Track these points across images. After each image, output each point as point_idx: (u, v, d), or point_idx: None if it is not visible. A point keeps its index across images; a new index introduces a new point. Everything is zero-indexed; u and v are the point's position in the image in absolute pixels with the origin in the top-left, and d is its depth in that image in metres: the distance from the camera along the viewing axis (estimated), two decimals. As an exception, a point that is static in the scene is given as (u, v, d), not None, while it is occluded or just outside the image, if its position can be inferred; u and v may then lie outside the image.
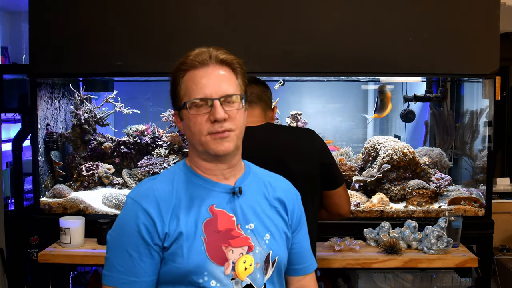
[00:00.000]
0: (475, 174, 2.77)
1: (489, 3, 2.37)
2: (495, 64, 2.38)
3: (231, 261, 1.14)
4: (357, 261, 2.14)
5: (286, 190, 1.31)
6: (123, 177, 2.79)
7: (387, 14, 2.39)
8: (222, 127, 1.13)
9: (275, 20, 2.38)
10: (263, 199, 1.24)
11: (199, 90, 1.14)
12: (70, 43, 2.40)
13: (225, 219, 1.17)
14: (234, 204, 1.19)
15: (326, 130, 3.41)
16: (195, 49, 1.19)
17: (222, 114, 1.13)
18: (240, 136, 1.19)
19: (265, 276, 1.19)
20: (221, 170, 1.20)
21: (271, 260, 1.20)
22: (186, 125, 1.18)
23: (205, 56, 1.16)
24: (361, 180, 2.63)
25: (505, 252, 2.86)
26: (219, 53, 1.17)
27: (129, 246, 1.12)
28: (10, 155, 2.71)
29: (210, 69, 1.16)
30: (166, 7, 2.38)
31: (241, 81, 1.21)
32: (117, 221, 1.17)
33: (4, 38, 3.40)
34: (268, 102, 1.85)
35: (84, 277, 2.91)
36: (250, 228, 1.18)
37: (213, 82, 1.15)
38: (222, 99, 1.14)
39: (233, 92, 1.16)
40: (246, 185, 1.23)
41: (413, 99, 2.92)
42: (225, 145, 1.15)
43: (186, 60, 1.18)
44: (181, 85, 1.18)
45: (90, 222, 2.32)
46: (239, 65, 1.20)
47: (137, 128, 2.91)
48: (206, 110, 1.14)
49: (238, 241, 1.16)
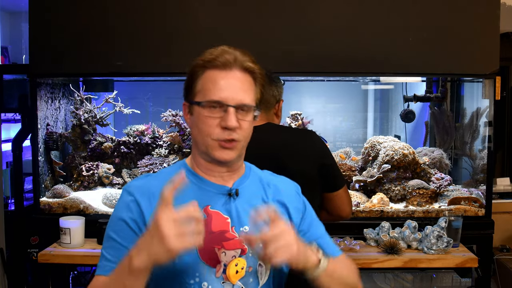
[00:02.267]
0: (475, 174, 2.76)
1: (489, 3, 2.37)
2: (495, 64, 2.38)
3: (223, 263, 1.13)
4: (357, 261, 2.13)
5: (286, 189, 1.29)
6: (123, 177, 2.79)
7: (387, 14, 2.39)
8: (230, 135, 1.11)
9: (275, 20, 2.38)
10: (261, 202, 1.22)
11: (216, 92, 1.11)
12: (70, 43, 2.40)
13: (220, 221, 1.15)
14: (229, 205, 1.17)
15: (326, 130, 3.41)
16: (217, 47, 1.14)
17: (234, 123, 1.10)
18: (244, 145, 1.17)
19: (260, 281, 1.16)
20: (220, 173, 1.19)
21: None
22: (195, 122, 1.15)
23: (230, 58, 1.12)
24: (361, 180, 2.63)
25: (505, 252, 2.86)
26: (245, 59, 1.13)
27: (117, 234, 1.12)
28: (10, 155, 2.71)
29: (231, 73, 1.12)
30: (166, 7, 2.38)
31: (258, 90, 1.18)
32: (112, 213, 1.17)
33: (4, 38, 3.40)
34: (270, 100, 1.83)
35: (84, 277, 2.91)
36: (244, 231, 1.16)
37: (232, 87, 1.11)
38: (237, 107, 1.11)
39: (249, 102, 1.13)
40: (244, 187, 1.21)
41: (413, 99, 2.92)
42: (229, 154, 1.13)
43: (209, 57, 1.13)
44: (198, 80, 1.14)
45: (90, 222, 2.32)
46: (261, 76, 1.17)
47: (137, 128, 2.90)
48: (219, 114, 1.11)
49: (231, 244, 1.14)
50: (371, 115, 3.53)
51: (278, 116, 1.91)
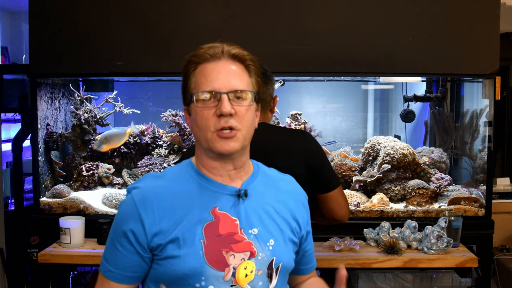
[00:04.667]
0: (475, 174, 2.76)
1: (489, 3, 2.37)
2: (495, 64, 2.38)
3: (232, 266, 1.10)
4: (357, 261, 2.14)
5: (294, 193, 1.28)
6: (123, 177, 2.79)
7: (387, 14, 2.39)
8: (227, 123, 1.10)
9: (275, 20, 2.38)
10: (270, 203, 1.20)
11: (208, 83, 1.12)
12: (70, 43, 2.40)
13: (228, 223, 1.13)
14: (238, 207, 1.15)
15: (326, 130, 3.41)
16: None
17: (228, 109, 1.09)
18: (247, 137, 1.15)
19: (269, 285, 1.15)
20: (226, 171, 1.17)
21: (275, 266, 1.15)
22: (194, 120, 1.15)
23: (218, 50, 1.14)
24: (361, 180, 2.63)
25: (505, 252, 2.86)
26: (232, 48, 1.15)
27: (116, 240, 1.14)
28: (10, 155, 2.71)
29: (221, 63, 1.13)
30: (166, 7, 2.38)
31: (254, 80, 1.17)
32: (117, 213, 1.17)
33: (4, 38, 3.40)
34: (267, 100, 1.81)
35: (84, 277, 2.91)
36: (253, 233, 1.14)
37: (223, 76, 1.12)
38: (231, 94, 1.11)
39: (243, 88, 1.13)
40: (253, 188, 1.19)
41: (413, 99, 2.92)
42: (230, 144, 1.11)
43: (198, 52, 1.15)
44: (191, 78, 1.15)
45: (90, 222, 2.32)
46: (253, 62, 1.17)
47: (137, 128, 2.91)
48: (213, 104, 1.11)
49: (240, 246, 1.12)
50: (371, 115, 3.53)
51: (272, 112, 1.90)
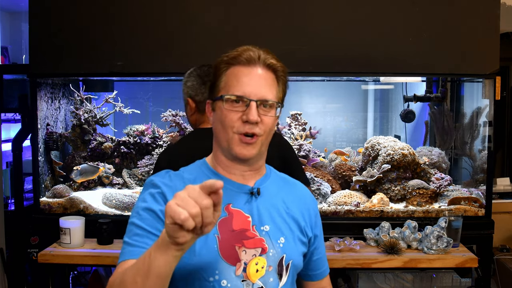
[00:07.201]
0: (475, 174, 2.76)
1: (489, 3, 2.38)
2: (495, 64, 2.38)
3: (243, 261, 1.13)
4: (357, 261, 2.14)
5: (303, 196, 1.31)
6: (123, 177, 2.79)
7: (387, 14, 2.39)
8: (252, 129, 1.13)
9: (275, 20, 2.38)
10: (281, 203, 1.24)
11: (239, 87, 1.14)
12: (70, 43, 2.40)
13: (241, 219, 1.16)
14: (251, 205, 1.19)
15: (326, 130, 3.41)
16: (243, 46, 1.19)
17: (255, 117, 1.13)
18: (265, 142, 1.19)
19: (280, 282, 1.17)
20: (241, 171, 1.20)
21: (285, 264, 1.18)
22: (217, 117, 1.18)
23: (254, 55, 1.16)
24: (361, 180, 2.63)
25: (505, 252, 2.86)
26: (268, 57, 1.18)
27: (144, 223, 1.10)
28: (10, 155, 2.71)
29: (255, 70, 1.16)
30: (166, 7, 2.38)
31: (281, 89, 1.21)
32: (136, 205, 1.16)
33: (4, 38, 3.40)
34: None
35: (84, 277, 2.92)
36: (265, 230, 1.17)
37: (255, 83, 1.15)
38: (259, 103, 1.14)
39: (272, 98, 1.16)
40: (265, 188, 1.23)
41: (413, 99, 2.92)
42: (249, 150, 1.15)
43: (233, 54, 1.17)
44: (222, 77, 1.17)
45: (90, 222, 2.32)
46: (284, 73, 1.21)
47: (137, 128, 2.91)
48: (241, 109, 1.14)
49: (252, 242, 1.15)
50: (371, 115, 3.53)
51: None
